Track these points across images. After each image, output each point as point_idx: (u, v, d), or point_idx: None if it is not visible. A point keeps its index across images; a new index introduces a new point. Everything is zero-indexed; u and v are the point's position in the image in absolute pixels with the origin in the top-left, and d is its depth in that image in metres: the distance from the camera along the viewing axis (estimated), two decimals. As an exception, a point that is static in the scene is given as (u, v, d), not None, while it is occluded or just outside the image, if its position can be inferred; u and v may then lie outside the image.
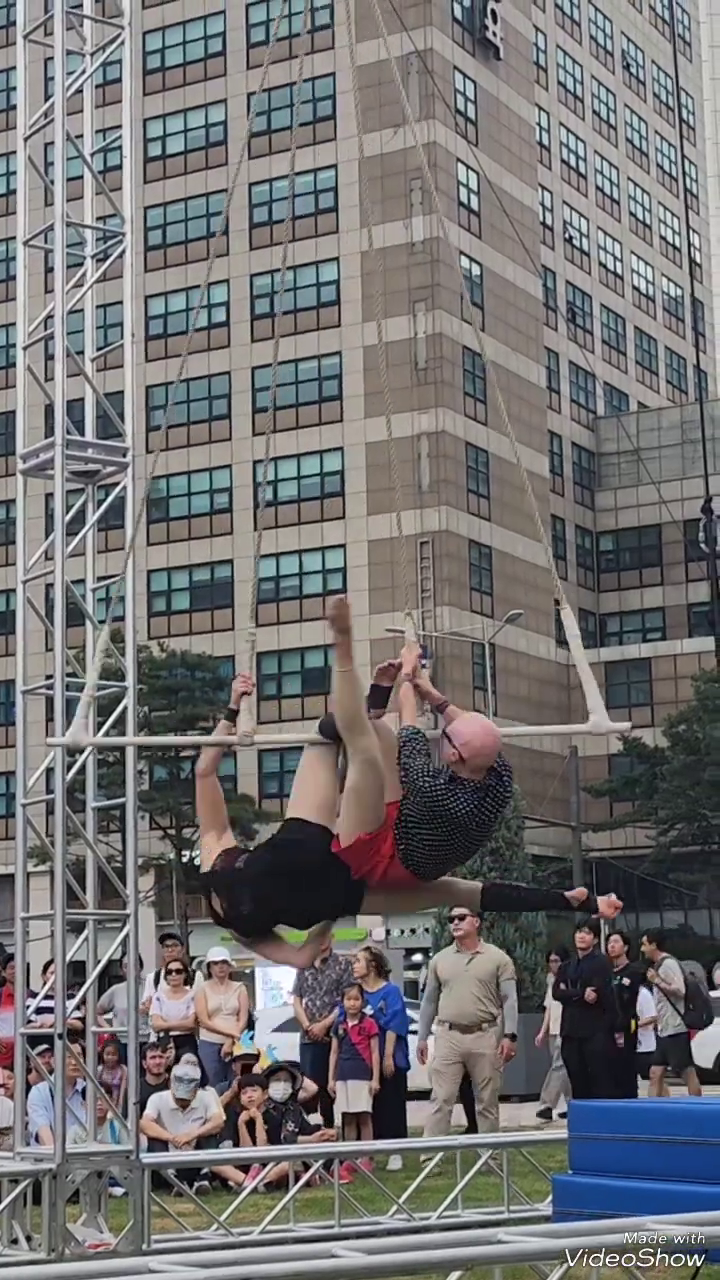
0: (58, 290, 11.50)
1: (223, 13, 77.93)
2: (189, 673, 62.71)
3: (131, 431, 11.83)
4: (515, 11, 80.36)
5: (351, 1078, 16.72)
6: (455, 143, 72.04)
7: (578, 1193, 8.42)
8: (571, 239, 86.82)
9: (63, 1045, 11.03)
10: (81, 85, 12.07)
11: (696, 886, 68.03)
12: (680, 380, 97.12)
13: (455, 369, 72.04)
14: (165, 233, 77.17)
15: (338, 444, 70.64)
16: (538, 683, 73.19)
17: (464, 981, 16.56)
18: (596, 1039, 19.17)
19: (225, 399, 74.88)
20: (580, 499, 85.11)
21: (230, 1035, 17.83)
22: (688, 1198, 7.43)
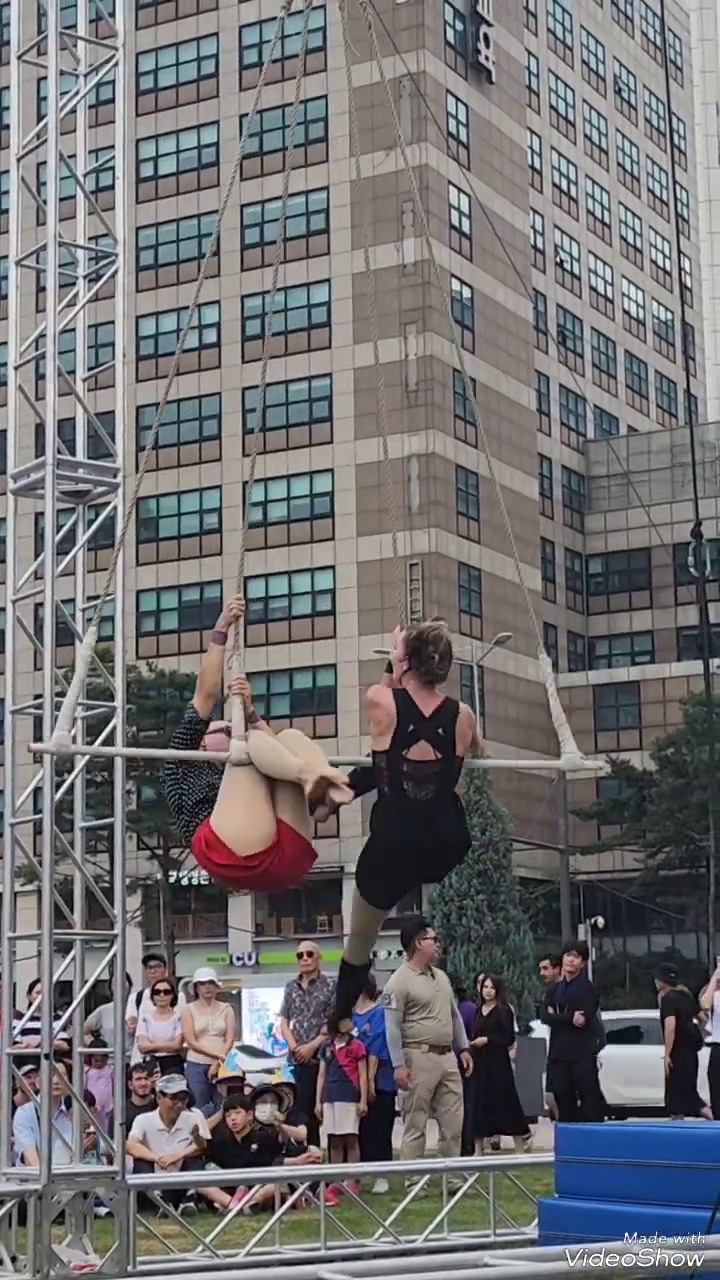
0: (50, 310, 11.51)
1: (216, 35, 78.14)
2: (177, 693, 62.66)
3: (122, 451, 11.84)
4: (508, 35, 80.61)
5: (338, 1100, 16.70)
6: (447, 166, 72.20)
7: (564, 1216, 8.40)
8: (562, 262, 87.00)
9: (49, 1065, 11.00)
10: (75, 106, 12.09)
11: (684, 910, 68.01)
12: (670, 404, 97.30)
13: (446, 391, 72.13)
14: (157, 253, 77.28)
15: (328, 465, 70.69)
16: (526, 705, 73.14)
17: (438, 1002, 16.64)
18: (584, 1062, 19.19)
19: (216, 419, 74.94)
20: (570, 522, 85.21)
21: (216, 1057, 17.78)
22: (675, 1222, 7.41)
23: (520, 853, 56.13)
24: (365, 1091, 16.84)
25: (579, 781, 68.16)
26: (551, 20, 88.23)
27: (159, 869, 64.11)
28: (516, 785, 66.27)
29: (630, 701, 77.84)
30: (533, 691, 75.59)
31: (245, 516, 71.49)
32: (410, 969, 16.99)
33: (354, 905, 9.22)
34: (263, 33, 76.57)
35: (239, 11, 77.59)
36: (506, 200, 78.13)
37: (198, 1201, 15.03)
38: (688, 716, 64.95)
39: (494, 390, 75.48)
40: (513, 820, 50.43)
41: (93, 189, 12.08)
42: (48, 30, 11.73)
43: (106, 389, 12.01)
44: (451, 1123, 16.61)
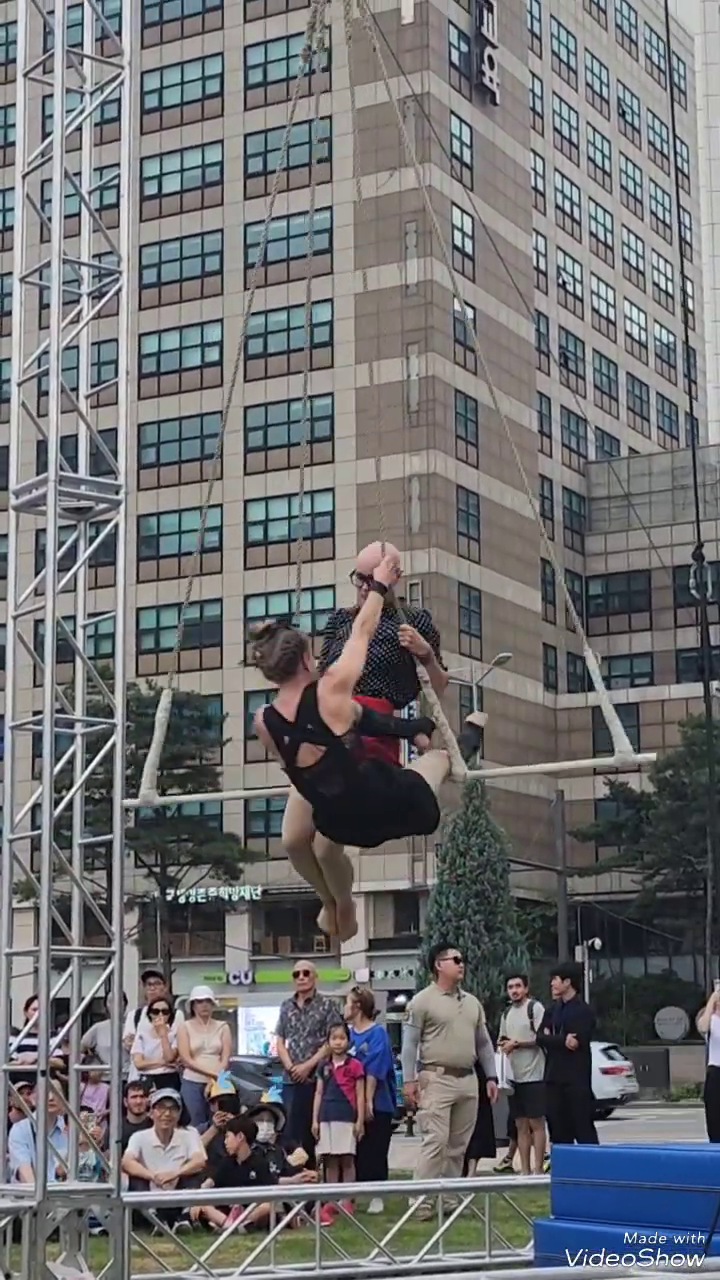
0: (53, 327, 11.52)
1: (221, 54, 78.34)
2: (176, 710, 62.65)
3: (125, 469, 11.85)
4: (512, 58, 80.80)
5: (335, 1119, 16.66)
6: (451, 187, 72.34)
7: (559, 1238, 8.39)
8: (565, 284, 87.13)
9: (45, 1082, 10.98)
10: (80, 123, 12.11)
11: (681, 932, 67.97)
12: (671, 426, 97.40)
13: (447, 412, 72.20)
14: (160, 271, 77.41)
15: (329, 485, 70.75)
16: (525, 726, 73.21)
17: (459, 1024, 16.50)
18: (578, 1084, 19.16)
19: (217, 437, 75.03)
20: (570, 543, 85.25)
21: (212, 1075, 17.76)
22: (672, 1244, 7.41)
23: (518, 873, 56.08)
24: (362, 1111, 16.80)
25: (577, 803, 68.16)
26: (556, 43, 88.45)
27: (156, 887, 64.06)
28: (514, 806, 66.26)
29: (629, 723, 77.73)
30: (531, 712, 75.64)
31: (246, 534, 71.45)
32: (435, 989, 16.93)
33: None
34: (267, 53, 76.79)
35: (244, 31, 77.79)
36: (509, 221, 78.27)
37: (193, 1220, 15.02)
38: (686, 739, 64.94)
39: (495, 411, 75.56)
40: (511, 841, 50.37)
41: (97, 206, 12.11)
42: (54, 48, 11.76)
43: (109, 406, 12.02)
44: (455, 1142, 16.55)
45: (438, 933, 41.63)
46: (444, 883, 43.56)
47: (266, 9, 77.19)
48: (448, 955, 17.08)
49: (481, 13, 77.72)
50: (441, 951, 17.40)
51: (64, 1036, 11.66)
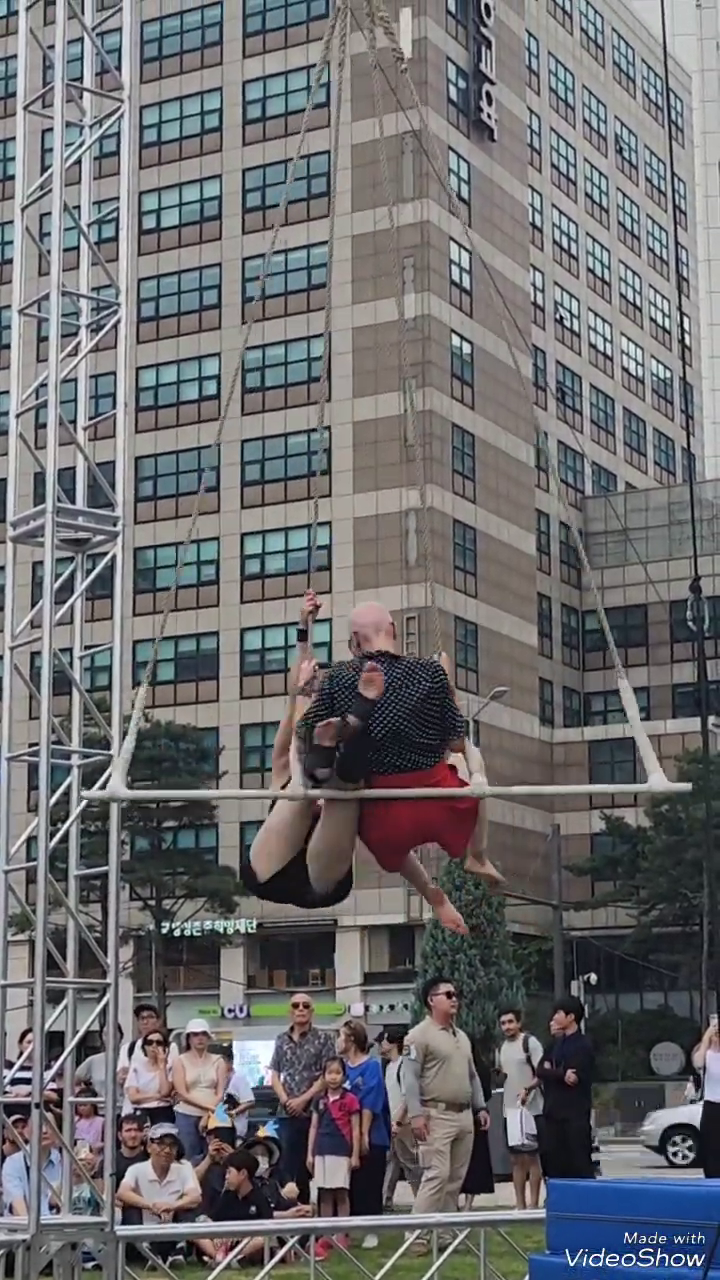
0: (51, 359, 11.54)
1: (220, 89, 78.63)
2: (173, 743, 62.66)
3: (122, 501, 11.87)
4: (510, 94, 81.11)
5: (330, 1153, 16.61)
6: (449, 222, 72.56)
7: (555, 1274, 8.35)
8: (562, 319, 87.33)
9: (39, 1115, 10.95)
10: (80, 157, 12.16)
11: (677, 967, 67.84)
12: (668, 461, 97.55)
13: (444, 446, 72.31)
14: (159, 304, 77.58)
15: (326, 519, 70.84)
16: (521, 761, 73.16)
17: (457, 1059, 16.48)
18: (577, 1120, 19.10)
19: (215, 471, 75.14)
20: (567, 578, 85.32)
21: (207, 1109, 17.71)
22: (671, 1244, 7.40)
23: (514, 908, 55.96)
24: (357, 1145, 16.75)
25: (573, 837, 68.07)
26: (554, 79, 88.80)
27: (152, 920, 63.95)
28: (510, 840, 66.19)
29: (626, 758, 77.68)
30: (527, 747, 75.59)
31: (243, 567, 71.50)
32: (432, 1024, 16.89)
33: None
34: (266, 88, 77.08)
35: (243, 67, 78.09)
36: (507, 257, 78.48)
37: (186, 1254, 14.96)
38: (683, 773, 64.82)
39: (492, 446, 75.70)
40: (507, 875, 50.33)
41: (96, 239, 12.15)
42: (54, 81, 11.81)
43: (106, 439, 12.03)
44: (453, 1176, 16.51)
45: (433, 967, 41.57)
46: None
47: (265, 45, 77.51)
48: (439, 990, 17.03)
49: (480, 50, 78.04)
50: (434, 986, 17.37)
51: (58, 1069, 11.63)
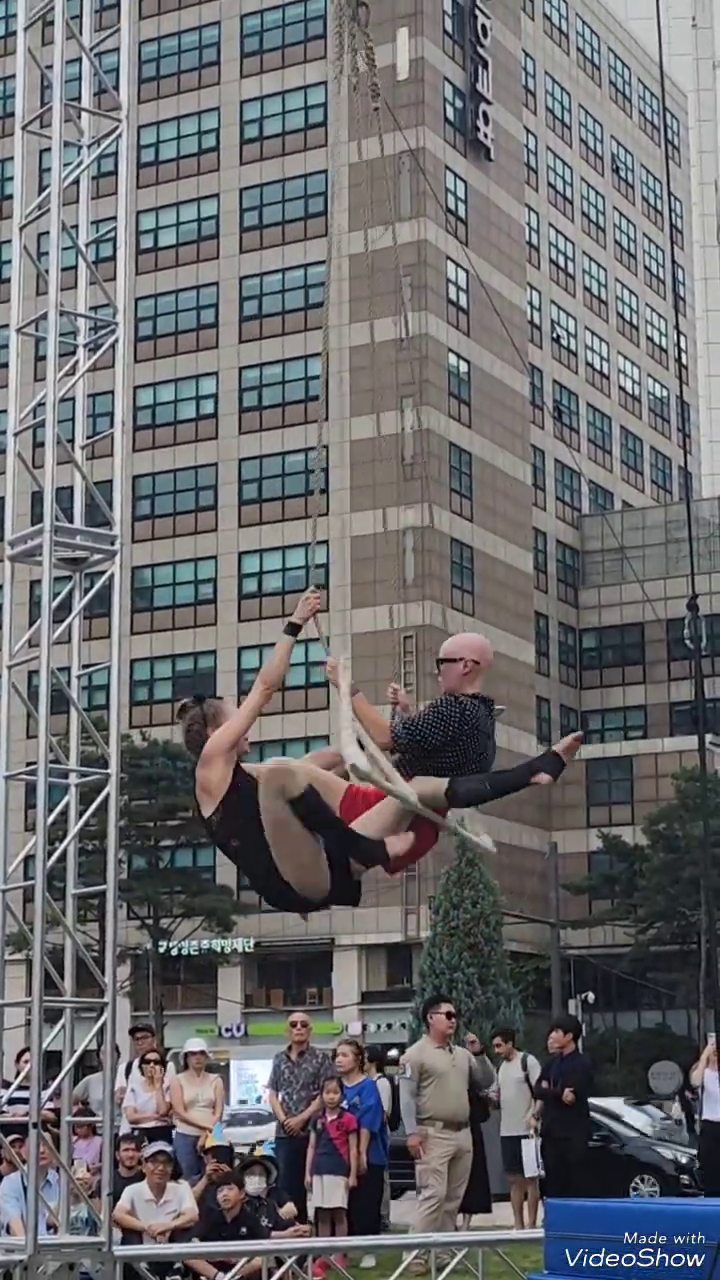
0: (49, 378, 11.56)
1: (217, 109, 78.76)
2: (170, 762, 62.59)
3: (120, 520, 11.87)
4: (507, 114, 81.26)
5: (327, 1173, 16.58)
6: (446, 241, 72.66)
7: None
8: (559, 338, 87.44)
9: (36, 1134, 10.93)
10: (78, 176, 12.18)
11: (675, 986, 67.76)
12: (664, 480, 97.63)
13: (442, 465, 72.36)
14: (155, 324, 77.65)
15: (323, 537, 70.86)
16: (519, 779, 73.01)
17: (454, 1078, 16.45)
18: (575, 1139, 19.04)
19: (212, 490, 75.16)
20: (564, 596, 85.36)
21: (205, 1128, 17.66)
22: (672, 1244, 7.39)
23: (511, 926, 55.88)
24: (355, 1165, 16.71)
25: (570, 855, 68.04)
26: (550, 99, 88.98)
27: (149, 939, 63.88)
28: (508, 859, 66.13)
29: (623, 776, 77.78)
30: (525, 765, 75.45)
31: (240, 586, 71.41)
32: (428, 1043, 16.87)
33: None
34: (263, 108, 77.23)
35: (240, 87, 78.23)
36: (504, 276, 78.59)
37: (184, 1274, 14.92)
38: (680, 792, 64.89)
39: (490, 464, 75.78)
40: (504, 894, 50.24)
41: (94, 259, 12.16)
42: (52, 102, 11.83)
43: (104, 458, 12.05)
44: (451, 1196, 16.47)
45: (431, 986, 41.50)
46: (437, 935, 43.45)
47: (263, 65, 77.66)
48: (440, 1010, 17.00)
49: (477, 69, 78.20)
50: (434, 1006, 17.34)
51: (56, 1089, 11.61)
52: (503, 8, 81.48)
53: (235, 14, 78.98)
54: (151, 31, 78.63)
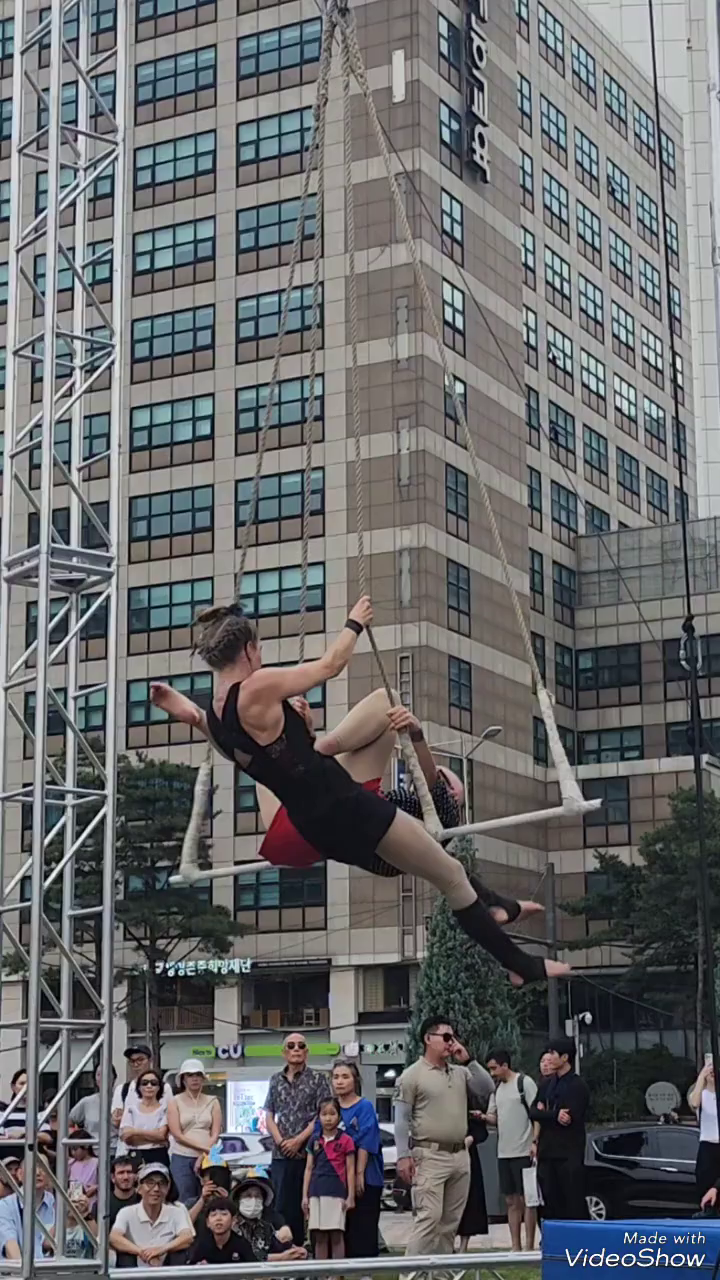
0: (46, 399, 11.57)
1: (214, 131, 78.93)
2: (166, 783, 62.54)
3: (116, 541, 11.88)
4: (502, 136, 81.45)
5: (325, 1194, 16.53)
6: (442, 263, 72.78)
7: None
8: (555, 359, 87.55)
9: (33, 1157, 10.91)
10: (74, 199, 12.20)
11: (672, 1006, 67.67)
12: (661, 501, 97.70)
13: (438, 486, 72.41)
14: (152, 345, 77.74)
15: (320, 559, 70.88)
16: (516, 799, 73.05)
17: (450, 1099, 16.39)
18: (571, 1160, 19.02)
19: (208, 511, 75.21)
20: (560, 617, 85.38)
21: (202, 1150, 17.63)
22: (672, 1243, 7.39)
23: (508, 947, 55.76)
24: (353, 1186, 16.67)
25: (567, 876, 68.00)
26: (546, 121, 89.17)
27: (145, 960, 63.77)
28: (505, 879, 66.07)
29: (619, 797, 77.70)
30: (522, 785, 75.54)
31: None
32: (424, 1064, 16.81)
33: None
34: (259, 130, 77.39)
35: (236, 109, 78.41)
36: (500, 297, 78.73)
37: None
38: (677, 812, 64.84)
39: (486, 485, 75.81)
40: (501, 915, 50.14)
41: (90, 281, 12.18)
42: (49, 124, 11.86)
43: (100, 479, 12.07)
44: (448, 1218, 16.42)
45: (428, 1006, 41.47)
46: (434, 956, 43.43)
47: (259, 88, 77.83)
48: (437, 1031, 16.96)
49: (472, 92, 78.38)
50: (431, 1027, 17.29)
51: (52, 1111, 11.60)
52: (498, 30, 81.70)
53: (231, 37, 79.19)
54: (148, 54, 78.83)
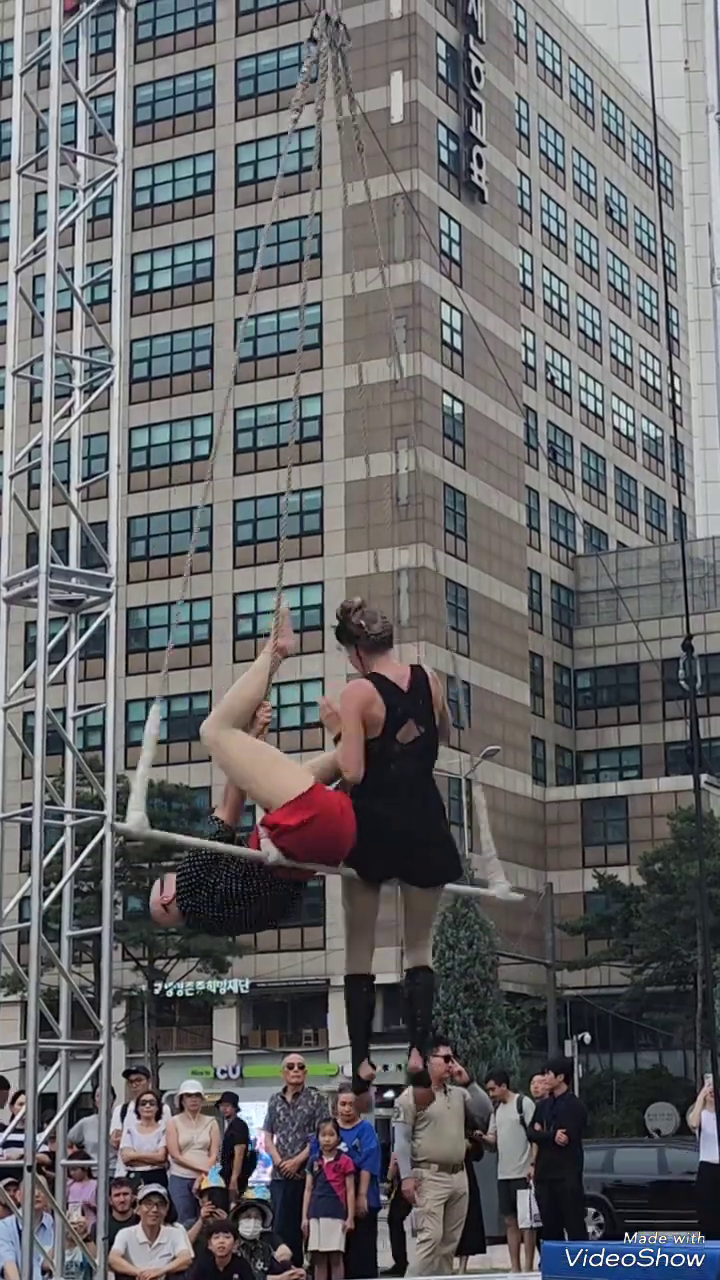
0: (45, 420, 11.58)
1: (212, 152, 79.08)
2: (165, 803, 62.47)
3: (115, 561, 11.89)
4: (500, 156, 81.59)
5: (324, 1215, 16.50)
6: (440, 283, 72.88)
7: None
8: (553, 379, 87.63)
9: (31, 1178, 10.89)
10: (73, 220, 12.23)
11: (671, 1026, 67.57)
12: (659, 520, 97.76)
13: (436, 506, 72.45)
14: (151, 365, 77.81)
15: (318, 579, 70.89)
16: (515, 819, 73.05)
17: (449, 1121, 16.33)
18: (568, 1179, 18.97)
19: (207, 531, 75.20)
20: (559, 636, 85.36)
21: (200, 1171, 17.59)
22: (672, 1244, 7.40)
23: (507, 967, 55.80)
24: (352, 1208, 16.62)
25: (566, 896, 67.94)
26: (543, 142, 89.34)
27: (144, 980, 63.68)
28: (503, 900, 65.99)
29: (618, 816, 77.69)
30: (520, 805, 75.52)
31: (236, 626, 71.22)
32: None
33: (344, 897, 9.26)
34: (258, 151, 77.53)
35: (235, 130, 78.56)
36: (498, 317, 78.81)
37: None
38: (676, 832, 64.78)
39: (484, 505, 75.89)
40: (500, 935, 50.17)
41: (89, 301, 12.21)
42: (48, 145, 11.89)
43: (99, 499, 12.07)
44: (448, 1239, 16.37)
45: (427, 1027, 41.36)
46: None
47: (258, 109, 77.98)
48: (437, 1053, 16.89)
49: (470, 112, 78.54)
50: (432, 1048, 17.21)
51: (50, 1132, 11.58)
52: (496, 52, 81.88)
53: (230, 58, 79.36)
54: (147, 75, 78.99)
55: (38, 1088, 11.10)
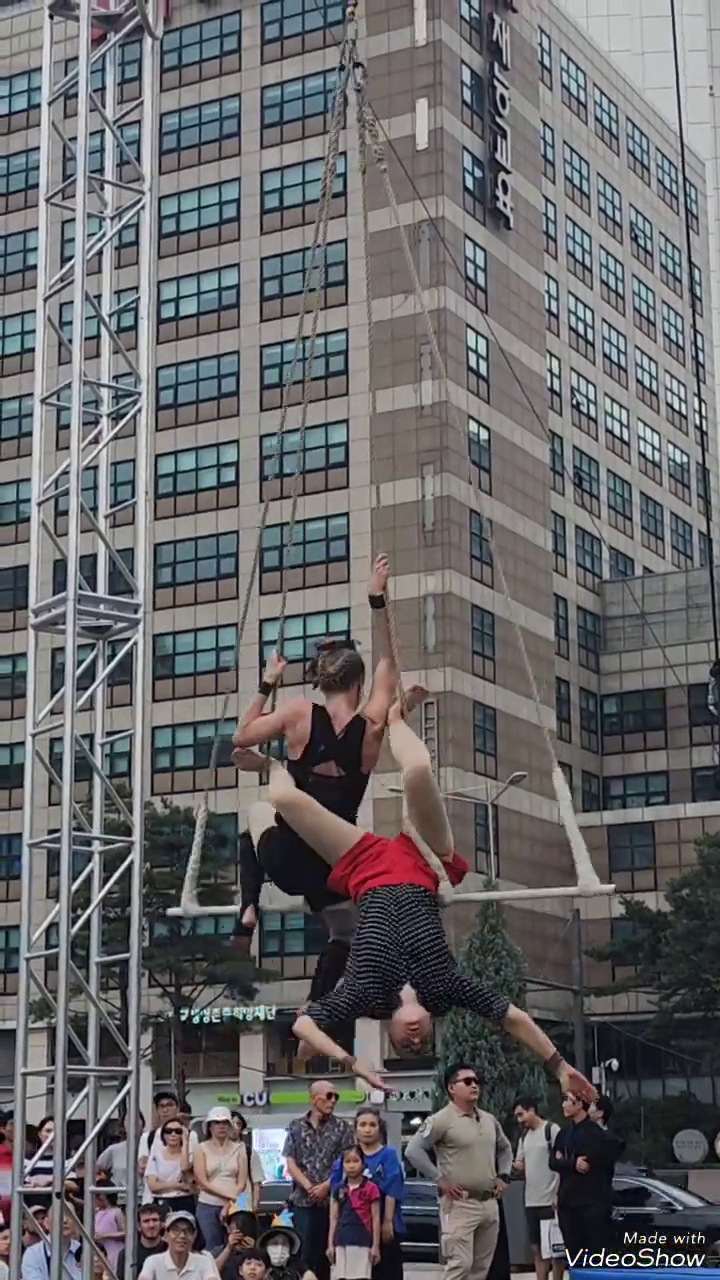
0: (73, 447, 11.62)
1: (238, 180, 79.33)
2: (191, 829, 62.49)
3: (142, 588, 11.92)
4: (526, 183, 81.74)
5: (350, 1243, 16.43)
6: (466, 309, 73.00)
7: None
8: (579, 405, 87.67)
9: (60, 1204, 10.89)
10: (101, 248, 12.28)
11: (700, 1053, 67.35)
12: (685, 545, 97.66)
13: (462, 531, 72.47)
14: (177, 392, 78.00)
15: (344, 604, 70.94)
16: (540, 844, 72.91)
17: (481, 1147, 16.25)
18: (593, 1208, 18.81)
19: (233, 558, 75.31)
20: (585, 662, 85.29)
21: (228, 1198, 17.52)
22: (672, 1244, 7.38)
23: (534, 993, 55.64)
24: (378, 1235, 16.56)
25: (593, 922, 67.75)
26: (569, 168, 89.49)
27: (170, 1006, 63.67)
28: (531, 925, 65.94)
29: (645, 842, 77.52)
30: (547, 831, 75.35)
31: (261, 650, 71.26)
32: (454, 1110, 16.57)
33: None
34: (284, 178, 77.77)
35: (260, 157, 78.82)
36: (524, 344, 78.88)
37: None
38: (703, 858, 64.63)
39: (510, 531, 75.88)
40: (526, 960, 50.05)
41: (116, 329, 12.25)
42: (76, 174, 11.95)
43: (126, 526, 12.09)
44: (476, 1267, 16.29)
45: (454, 1053, 41.37)
46: (460, 1003, 43.28)
47: (283, 136, 78.25)
48: (459, 1077, 16.80)
49: (495, 139, 78.72)
50: (454, 1073, 17.14)
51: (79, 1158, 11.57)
52: (521, 78, 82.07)
53: (255, 86, 79.65)
54: (172, 104, 79.26)
55: (66, 1114, 11.10)
